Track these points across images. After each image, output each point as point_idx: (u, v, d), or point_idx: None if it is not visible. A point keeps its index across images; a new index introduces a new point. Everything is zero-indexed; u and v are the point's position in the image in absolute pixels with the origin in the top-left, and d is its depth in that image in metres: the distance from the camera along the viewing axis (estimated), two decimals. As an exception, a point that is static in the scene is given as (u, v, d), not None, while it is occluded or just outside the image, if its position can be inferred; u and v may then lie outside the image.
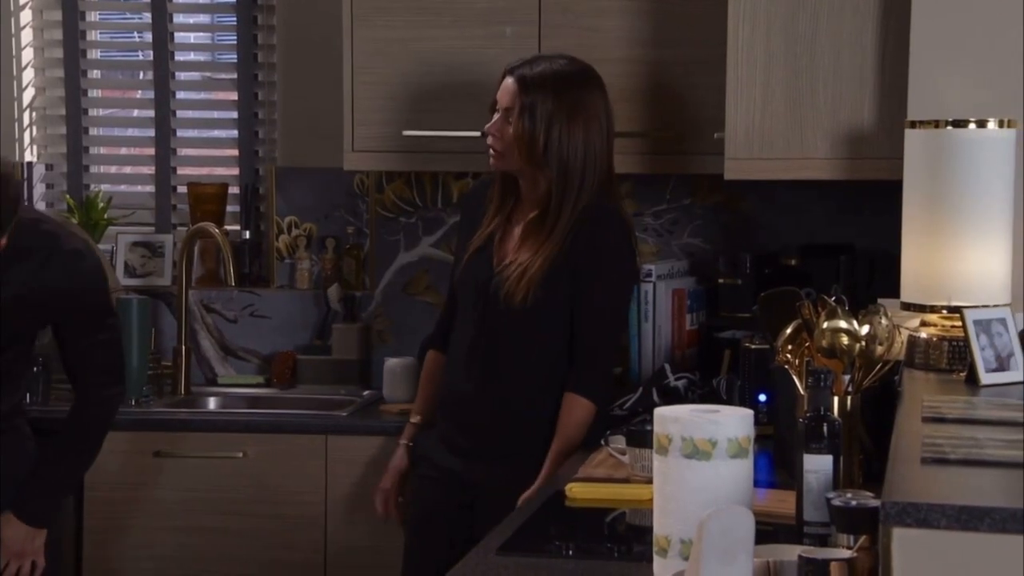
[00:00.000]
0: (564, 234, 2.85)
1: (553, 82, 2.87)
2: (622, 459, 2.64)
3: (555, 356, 2.88)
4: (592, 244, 2.86)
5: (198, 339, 3.76)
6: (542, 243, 2.86)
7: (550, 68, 2.89)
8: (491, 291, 2.89)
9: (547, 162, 2.85)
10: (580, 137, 2.86)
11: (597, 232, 2.86)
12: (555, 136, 2.84)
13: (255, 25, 3.84)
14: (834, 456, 1.99)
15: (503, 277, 2.88)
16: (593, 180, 2.87)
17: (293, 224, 3.78)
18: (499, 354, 2.89)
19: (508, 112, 2.88)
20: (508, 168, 2.92)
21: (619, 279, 2.92)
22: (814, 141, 3.04)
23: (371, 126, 3.40)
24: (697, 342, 3.40)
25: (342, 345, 3.69)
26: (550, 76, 2.87)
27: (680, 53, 3.29)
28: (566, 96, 2.86)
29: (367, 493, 3.17)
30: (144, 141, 3.91)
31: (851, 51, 3.01)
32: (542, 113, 2.84)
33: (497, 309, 2.88)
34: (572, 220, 2.85)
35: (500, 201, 2.96)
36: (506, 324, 2.88)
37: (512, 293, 2.85)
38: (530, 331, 2.88)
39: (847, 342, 2.22)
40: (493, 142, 2.90)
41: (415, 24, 3.37)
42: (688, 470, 1.80)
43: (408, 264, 3.72)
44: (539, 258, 2.85)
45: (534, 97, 2.85)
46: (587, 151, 2.86)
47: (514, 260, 2.89)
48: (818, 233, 3.49)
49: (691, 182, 3.56)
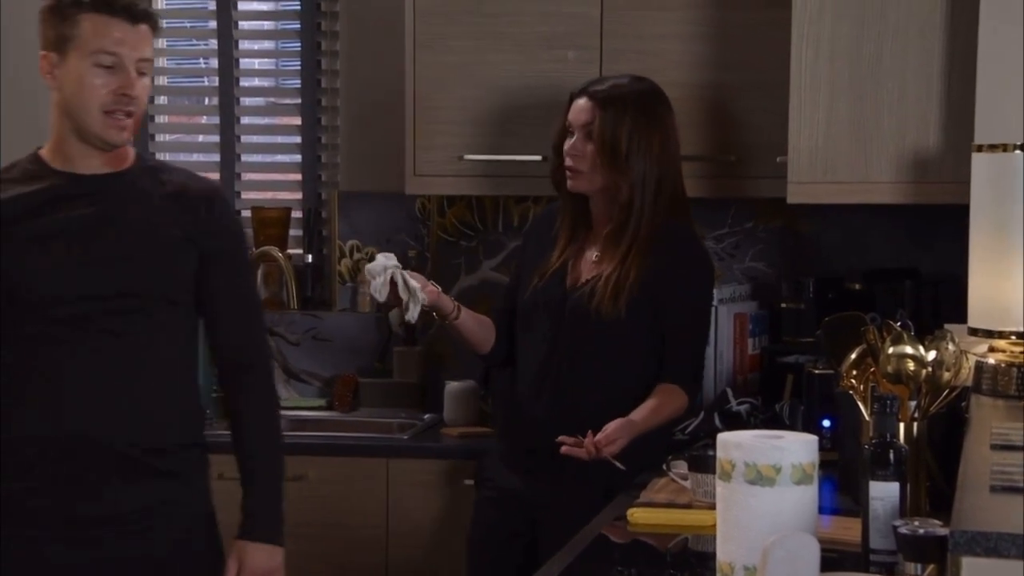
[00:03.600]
0: (648, 244, 2.87)
1: (627, 96, 2.90)
2: (684, 484, 2.62)
3: (630, 374, 2.89)
4: (674, 253, 2.89)
5: (261, 362, 3.79)
6: (625, 254, 2.88)
7: (620, 84, 2.93)
8: (568, 309, 2.90)
9: (629, 167, 2.87)
10: (656, 149, 2.89)
11: (678, 243, 2.90)
12: (636, 142, 2.87)
13: (318, 51, 3.88)
14: (901, 483, 1.96)
15: (587, 292, 2.88)
16: (669, 192, 2.90)
17: (355, 248, 3.80)
18: (573, 373, 2.89)
19: (585, 128, 2.90)
20: (587, 188, 2.92)
21: (703, 282, 2.96)
22: (879, 165, 3.01)
23: (433, 150, 3.42)
24: (759, 367, 3.38)
25: (403, 368, 3.70)
26: (623, 90, 2.91)
27: (742, 76, 3.28)
28: (641, 107, 2.90)
29: (428, 516, 3.17)
30: (209, 166, 3.96)
31: (916, 74, 2.98)
32: (621, 122, 2.87)
33: (575, 327, 2.88)
34: (652, 232, 2.87)
35: (571, 231, 2.97)
36: (583, 341, 2.88)
37: (603, 303, 2.86)
38: (608, 348, 2.88)
39: (913, 368, 2.20)
40: (574, 162, 2.91)
41: (477, 49, 3.39)
42: (752, 496, 1.79)
43: (469, 287, 3.73)
44: (630, 268, 2.87)
45: (611, 109, 2.88)
46: (662, 163, 2.89)
47: (598, 275, 2.90)
48: (882, 257, 3.46)
49: (753, 206, 3.54)
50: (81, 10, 2.29)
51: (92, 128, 2.31)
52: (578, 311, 2.89)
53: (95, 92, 2.28)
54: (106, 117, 2.30)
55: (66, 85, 2.30)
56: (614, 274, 2.87)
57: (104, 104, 2.29)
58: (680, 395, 2.89)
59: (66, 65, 2.29)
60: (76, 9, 2.29)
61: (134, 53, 2.30)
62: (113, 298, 2.31)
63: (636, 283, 2.86)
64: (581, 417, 2.84)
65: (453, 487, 3.28)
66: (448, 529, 3.26)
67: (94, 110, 2.29)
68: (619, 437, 2.75)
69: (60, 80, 2.30)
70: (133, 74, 2.30)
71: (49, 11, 2.31)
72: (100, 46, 2.28)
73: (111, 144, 2.33)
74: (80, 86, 2.29)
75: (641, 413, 2.82)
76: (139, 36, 2.31)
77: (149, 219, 2.35)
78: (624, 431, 2.77)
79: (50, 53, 2.31)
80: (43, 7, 2.33)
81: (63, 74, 2.30)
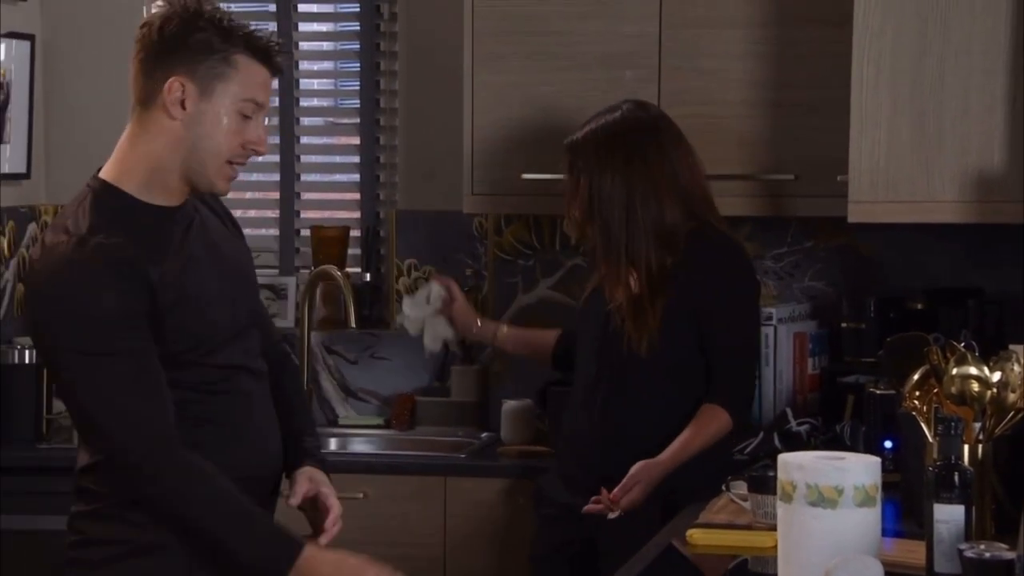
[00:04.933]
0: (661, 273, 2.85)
1: (579, 146, 2.90)
2: (744, 505, 2.60)
3: (675, 390, 2.88)
4: (711, 271, 2.87)
5: (320, 380, 3.81)
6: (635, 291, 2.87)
7: (587, 130, 2.92)
8: (611, 332, 2.90)
9: (593, 214, 2.88)
10: (608, 187, 2.86)
11: (712, 261, 2.88)
12: (592, 189, 2.87)
13: (377, 71, 3.90)
14: (966, 506, 1.94)
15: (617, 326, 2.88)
16: (652, 219, 2.85)
17: (413, 266, 3.82)
18: (618, 391, 2.89)
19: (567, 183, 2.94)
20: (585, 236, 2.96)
21: (746, 298, 2.94)
22: (941, 184, 2.98)
23: (490, 169, 3.43)
24: (819, 387, 3.36)
25: (461, 387, 3.71)
26: (582, 139, 2.91)
27: (801, 95, 3.26)
28: (592, 150, 2.88)
29: (485, 534, 3.17)
30: (269, 185, 4.00)
31: (980, 92, 2.95)
32: (575, 172, 2.89)
33: (619, 350, 2.88)
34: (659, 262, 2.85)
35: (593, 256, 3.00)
36: (625, 360, 2.88)
37: (631, 343, 2.86)
38: (650, 371, 2.87)
39: (978, 389, 2.17)
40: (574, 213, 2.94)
41: (534, 69, 3.39)
42: (813, 518, 1.78)
43: (526, 306, 3.73)
44: (650, 301, 2.85)
45: (571, 161, 2.91)
46: (630, 191, 2.85)
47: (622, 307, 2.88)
48: (944, 277, 3.42)
49: (812, 224, 3.52)
50: (234, 49, 2.08)
51: (207, 173, 2.12)
52: (617, 339, 2.89)
53: (230, 140, 2.10)
54: (225, 166, 2.12)
55: (200, 124, 2.09)
56: (632, 313, 2.86)
57: (233, 154, 2.12)
58: (721, 416, 2.86)
59: (208, 103, 2.08)
60: (229, 46, 2.08)
61: (268, 106, 2.15)
62: (247, 328, 2.25)
63: (662, 312, 2.84)
64: (628, 434, 2.86)
65: (510, 506, 3.28)
66: (505, 547, 3.25)
67: (221, 157, 2.11)
68: (636, 483, 2.76)
69: (192, 116, 2.08)
70: (265, 127, 2.15)
71: (200, 42, 2.08)
72: (251, 95, 2.10)
73: (216, 192, 2.18)
74: (216, 129, 2.09)
75: (670, 451, 2.82)
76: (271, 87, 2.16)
77: (233, 243, 2.29)
78: (644, 474, 2.77)
79: (189, 84, 2.08)
80: (195, 37, 2.08)
81: (199, 112, 2.08)
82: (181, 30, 2.08)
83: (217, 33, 2.09)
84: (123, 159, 2.14)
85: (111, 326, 2.04)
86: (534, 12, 3.38)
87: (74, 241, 2.06)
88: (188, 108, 2.09)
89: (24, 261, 3.71)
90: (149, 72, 2.10)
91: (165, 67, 2.08)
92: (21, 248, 3.82)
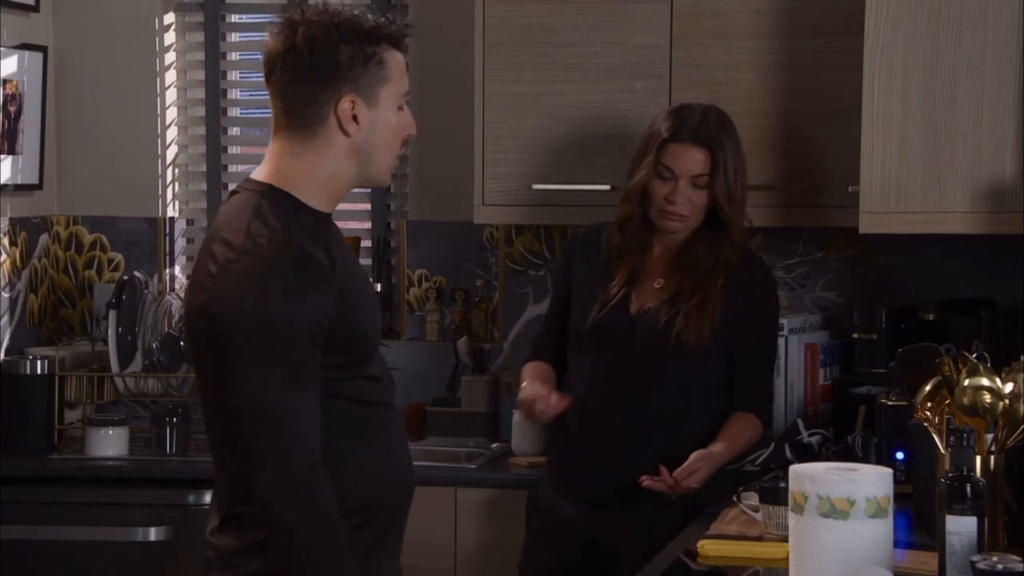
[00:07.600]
0: (727, 270, 2.89)
1: (729, 134, 2.92)
2: (755, 516, 2.60)
3: (703, 401, 2.89)
4: (754, 278, 2.93)
5: (330, 390, 3.81)
6: (701, 281, 2.88)
7: (709, 120, 2.92)
8: (639, 337, 2.89)
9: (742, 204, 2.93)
10: (744, 177, 2.94)
11: (755, 268, 2.96)
12: (741, 181, 2.92)
13: (388, 82, 3.91)
14: (978, 518, 1.93)
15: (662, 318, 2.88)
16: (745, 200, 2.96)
17: (423, 277, 3.82)
18: (647, 400, 2.88)
19: (697, 178, 2.90)
20: (687, 229, 2.94)
21: (773, 311, 3.00)
22: (953, 194, 2.97)
23: (501, 180, 3.43)
24: (830, 398, 3.35)
25: (471, 397, 3.71)
26: (716, 129, 2.91)
27: (812, 105, 3.26)
28: (734, 141, 2.93)
29: (496, 545, 3.16)
30: (280, 195, 4.00)
31: (992, 103, 2.94)
32: (731, 168, 2.90)
33: (647, 354, 2.88)
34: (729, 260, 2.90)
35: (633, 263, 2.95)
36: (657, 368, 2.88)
37: (688, 331, 2.86)
38: (682, 374, 2.88)
39: (990, 400, 2.17)
40: (681, 209, 2.90)
41: (545, 79, 3.40)
42: (825, 529, 1.77)
43: (537, 316, 3.72)
44: (719, 295, 2.87)
45: (722, 155, 2.89)
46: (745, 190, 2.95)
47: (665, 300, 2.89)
48: (956, 288, 3.41)
49: (824, 235, 3.52)
50: (378, 48, 2.06)
51: (382, 174, 2.12)
52: (651, 338, 2.88)
53: (398, 136, 2.11)
54: (395, 160, 2.14)
55: (374, 132, 2.08)
56: (698, 301, 2.87)
57: (397, 149, 2.13)
58: (756, 423, 2.90)
59: (376, 111, 2.07)
60: (375, 47, 2.06)
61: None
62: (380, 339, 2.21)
63: (724, 309, 2.87)
64: (656, 446, 2.84)
65: (519, 516, 3.27)
66: (514, 558, 3.24)
67: (394, 154, 2.12)
68: (699, 468, 2.75)
69: (365, 127, 2.07)
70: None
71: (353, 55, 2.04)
72: (404, 87, 2.10)
73: (382, 186, 2.20)
74: (387, 132, 2.09)
75: (721, 444, 2.82)
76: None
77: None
78: (704, 462, 2.76)
79: (358, 99, 2.05)
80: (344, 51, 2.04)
81: (370, 122, 2.07)
82: (330, 49, 2.04)
83: (359, 38, 2.05)
84: (285, 169, 2.08)
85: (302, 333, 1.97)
86: (545, 23, 3.38)
87: (277, 245, 1.99)
88: (361, 122, 2.07)
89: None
90: (311, 97, 2.05)
91: (327, 89, 2.05)
92: (33, 259, 3.84)
